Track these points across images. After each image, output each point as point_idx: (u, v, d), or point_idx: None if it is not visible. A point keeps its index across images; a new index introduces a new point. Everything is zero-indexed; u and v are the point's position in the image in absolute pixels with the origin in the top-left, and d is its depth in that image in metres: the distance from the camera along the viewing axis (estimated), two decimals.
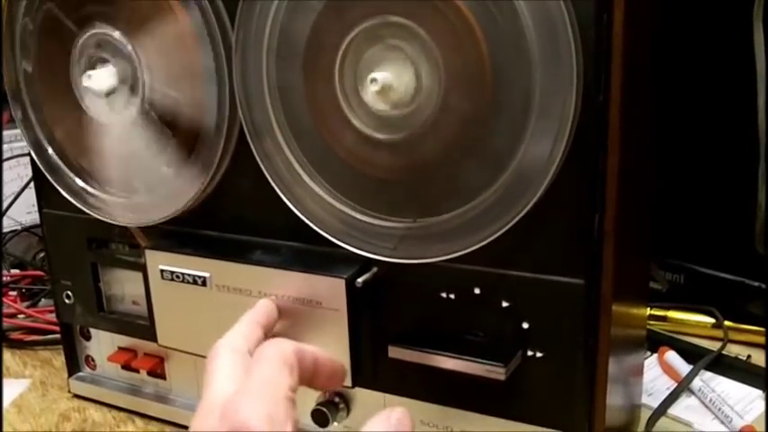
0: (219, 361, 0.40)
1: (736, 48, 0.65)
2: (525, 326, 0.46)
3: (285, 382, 0.37)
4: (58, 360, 0.72)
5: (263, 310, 0.48)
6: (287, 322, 0.50)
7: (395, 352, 0.48)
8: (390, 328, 0.49)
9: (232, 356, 0.41)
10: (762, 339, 0.71)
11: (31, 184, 0.87)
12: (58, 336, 0.70)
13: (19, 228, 0.97)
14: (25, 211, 0.97)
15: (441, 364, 0.46)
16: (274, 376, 0.37)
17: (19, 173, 0.98)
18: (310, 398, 0.54)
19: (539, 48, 0.40)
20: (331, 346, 0.49)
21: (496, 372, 0.45)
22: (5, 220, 0.94)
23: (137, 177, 0.55)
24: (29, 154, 0.61)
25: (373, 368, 0.50)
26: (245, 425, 0.34)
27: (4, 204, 0.92)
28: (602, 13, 0.41)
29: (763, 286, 0.71)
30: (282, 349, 0.38)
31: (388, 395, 0.52)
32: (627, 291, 0.51)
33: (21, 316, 0.81)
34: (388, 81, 0.43)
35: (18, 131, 0.62)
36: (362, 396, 0.53)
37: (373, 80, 0.43)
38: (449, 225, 0.46)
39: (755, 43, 0.64)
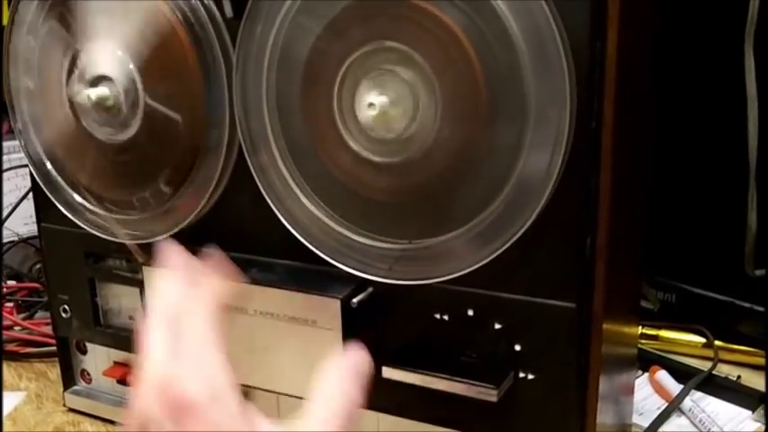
0: (155, 332, 0.38)
1: (728, 71, 0.66)
2: (517, 348, 0.47)
3: (215, 336, 0.36)
4: (53, 372, 0.73)
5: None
6: (281, 341, 0.50)
7: (389, 372, 0.48)
8: (384, 348, 0.50)
9: (170, 326, 0.38)
10: (752, 360, 0.72)
11: (29, 196, 0.88)
12: (53, 348, 0.70)
13: (16, 239, 0.97)
14: (22, 223, 0.98)
15: (434, 385, 0.47)
16: (204, 334, 0.36)
17: (17, 184, 0.99)
18: None
19: (532, 73, 0.41)
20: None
21: (488, 393, 0.46)
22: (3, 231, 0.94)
23: (135, 195, 0.56)
24: (26, 165, 0.61)
25: (367, 387, 0.51)
26: (184, 398, 0.34)
27: (3, 215, 0.93)
28: (596, 41, 0.41)
29: (755, 307, 0.72)
30: (206, 301, 0.38)
31: (381, 414, 0.52)
32: (618, 311, 0.52)
33: (17, 328, 0.81)
34: (385, 105, 0.44)
35: (15, 143, 0.62)
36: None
37: (371, 104, 0.44)
38: (444, 247, 0.46)
39: (746, 67, 0.65)
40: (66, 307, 0.64)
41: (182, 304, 0.39)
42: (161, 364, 0.36)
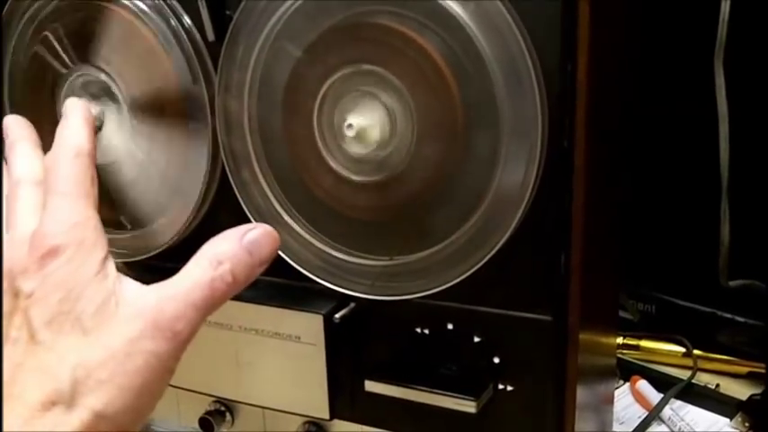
0: (21, 200, 0.37)
1: (699, 89, 0.68)
2: (496, 360, 0.48)
3: (82, 184, 0.36)
4: None
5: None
6: (265, 356, 0.51)
7: (371, 386, 0.49)
8: (367, 362, 0.51)
9: (32, 188, 0.38)
10: (730, 368, 0.73)
11: None
12: None
13: None
14: None
15: (415, 398, 0.48)
16: (71, 186, 0.36)
17: None
18: (289, 428, 0.55)
19: (506, 95, 0.43)
20: (309, 381, 0.50)
21: (468, 405, 0.47)
22: None
23: (123, 214, 0.57)
24: None
25: (350, 401, 0.52)
26: (49, 245, 0.33)
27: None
28: (566, 63, 0.43)
29: (734, 317, 0.74)
30: (67, 150, 0.37)
31: (365, 427, 0.53)
32: (595, 322, 0.53)
33: None
34: (363, 126, 0.45)
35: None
36: (340, 427, 0.54)
37: (350, 126, 0.45)
38: (424, 263, 0.47)
39: (717, 85, 0.67)
40: None
41: (46, 158, 0.38)
42: (31, 221, 0.35)
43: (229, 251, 0.36)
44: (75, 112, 0.41)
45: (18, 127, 0.42)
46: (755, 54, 0.66)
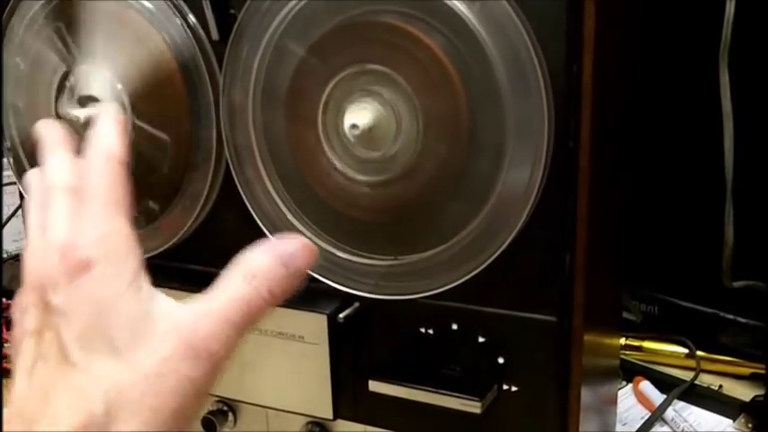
0: (54, 206, 0.36)
1: (704, 89, 0.68)
2: (501, 360, 0.48)
3: (117, 195, 0.35)
4: None
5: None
6: (269, 355, 0.51)
7: (375, 386, 0.49)
8: (370, 362, 0.51)
9: (65, 195, 0.36)
10: (733, 369, 0.73)
11: (19, 213, 0.89)
12: None
13: (6, 256, 0.97)
14: (11, 239, 0.98)
15: (419, 398, 0.48)
16: (105, 196, 0.35)
17: (6, 201, 0.99)
18: (291, 428, 0.55)
19: (511, 94, 0.42)
20: (313, 380, 0.50)
21: (472, 405, 0.46)
22: None
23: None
24: (14, 183, 0.62)
25: (354, 401, 0.52)
26: (81, 258, 0.32)
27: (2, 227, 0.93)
28: (572, 64, 0.43)
29: (736, 318, 0.74)
30: (101, 150, 0.36)
31: (368, 427, 0.53)
32: (599, 323, 0.53)
33: (8, 344, 0.81)
34: (368, 126, 0.45)
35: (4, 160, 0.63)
36: (343, 427, 0.54)
37: (354, 125, 0.45)
38: (429, 263, 0.47)
39: (721, 84, 0.67)
40: None
41: (77, 170, 0.37)
42: (63, 230, 0.34)
43: (264, 265, 0.35)
44: (106, 118, 0.40)
45: (52, 131, 0.41)
46: (760, 54, 0.66)
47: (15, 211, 0.94)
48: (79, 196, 0.35)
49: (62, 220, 0.35)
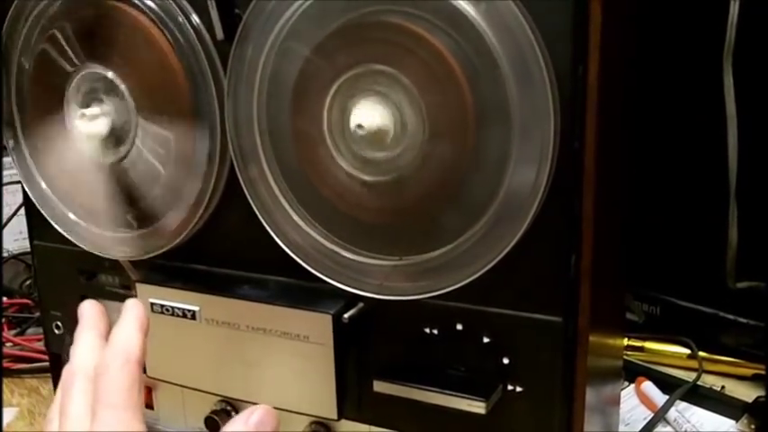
0: (74, 390, 0.40)
1: (707, 90, 0.68)
2: (506, 361, 0.48)
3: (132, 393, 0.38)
4: (46, 388, 0.73)
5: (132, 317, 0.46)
6: (274, 356, 0.51)
7: (380, 386, 0.49)
8: (375, 362, 0.51)
9: (85, 384, 0.41)
10: (735, 370, 0.73)
11: (20, 212, 0.88)
12: (45, 364, 0.70)
13: (6, 255, 0.97)
14: (12, 239, 0.98)
15: (424, 399, 0.48)
16: (120, 393, 0.38)
17: (7, 200, 0.99)
18: (295, 428, 0.55)
19: (517, 94, 0.42)
20: (317, 380, 0.50)
21: (477, 405, 0.46)
22: None
23: (129, 213, 0.57)
24: (17, 182, 0.62)
25: (358, 401, 0.52)
26: None
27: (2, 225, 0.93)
28: (578, 65, 0.43)
29: (738, 319, 0.74)
30: (121, 351, 0.40)
31: (373, 427, 0.53)
32: (603, 324, 0.53)
33: (8, 344, 0.81)
34: (373, 127, 0.45)
35: (7, 159, 0.63)
36: (347, 427, 0.54)
37: (360, 126, 0.45)
38: (434, 263, 0.47)
39: (725, 86, 0.67)
40: (59, 323, 0.65)
41: (99, 360, 0.40)
42: (81, 423, 0.38)
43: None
44: (130, 316, 0.43)
45: (91, 314, 0.46)
46: (764, 56, 0.66)
47: (16, 211, 0.94)
48: (96, 396, 0.38)
49: (81, 413, 0.38)
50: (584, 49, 0.42)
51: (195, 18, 0.51)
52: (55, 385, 0.67)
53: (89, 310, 0.46)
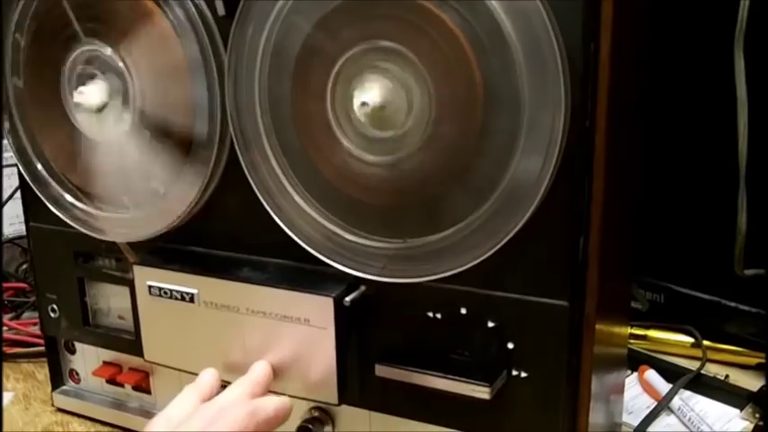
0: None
1: (718, 75, 0.67)
2: (510, 346, 0.47)
3: None
4: (41, 373, 0.72)
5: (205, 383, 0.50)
6: (275, 339, 0.50)
7: (382, 371, 0.48)
8: (377, 346, 0.50)
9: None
10: (739, 359, 0.73)
11: (16, 195, 0.87)
12: (41, 348, 0.69)
13: (3, 239, 0.96)
14: (8, 223, 0.97)
15: (427, 383, 0.47)
16: None
17: (4, 184, 0.98)
18: (295, 414, 0.54)
19: (527, 72, 0.41)
20: (318, 364, 0.49)
21: (481, 391, 0.46)
22: None
23: (127, 193, 0.56)
24: (13, 165, 0.61)
25: (359, 386, 0.51)
26: None
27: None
28: (590, 42, 0.42)
29: (742, 307, 0.73)
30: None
31: (373, 412, 0.52)
32: (609, 311, 0.52)
33: (4, 328, 0.80)
34: (378, 104, 0.44)
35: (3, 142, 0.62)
36: (348, 413, 0.54)
37: (364, 103, 0.44)
38: (438, 246, 0.46)
39: (736, 71, 0.66)
40: (55, 307, 0.64)
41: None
42: None
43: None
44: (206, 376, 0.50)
45: (205, 377, 0.50)
46: None
47: (13, 194, 0.93)
48: None
49: None
50: (596, 27, 0.41)
51: None
52: (51, 370, 0.67)
53: (206, 376, 0.50)
